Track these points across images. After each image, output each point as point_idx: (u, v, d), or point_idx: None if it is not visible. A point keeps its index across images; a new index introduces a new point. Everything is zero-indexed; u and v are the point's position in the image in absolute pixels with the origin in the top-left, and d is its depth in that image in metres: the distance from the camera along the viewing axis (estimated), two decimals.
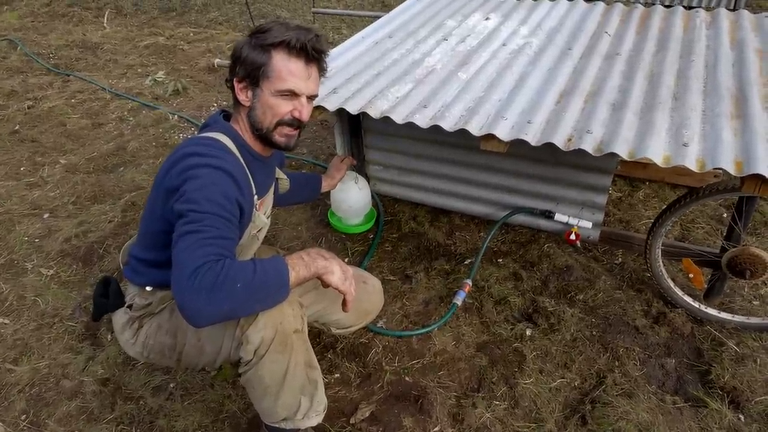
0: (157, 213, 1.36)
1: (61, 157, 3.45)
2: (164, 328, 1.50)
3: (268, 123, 1.41)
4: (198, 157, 1.29)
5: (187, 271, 1.14)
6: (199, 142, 1.34)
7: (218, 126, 1.43)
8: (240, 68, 1.38)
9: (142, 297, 1.50)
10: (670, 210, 1.98)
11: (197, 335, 1.45)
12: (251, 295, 1.20)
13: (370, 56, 2.32)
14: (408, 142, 2.46)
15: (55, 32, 5.83)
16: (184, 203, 1.23)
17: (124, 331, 1.55)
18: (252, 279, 1.19)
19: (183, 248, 1.18)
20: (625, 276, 2.35)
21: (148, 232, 1.44)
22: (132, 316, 1.52)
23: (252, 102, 1.40)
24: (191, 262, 1.15)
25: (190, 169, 1.27)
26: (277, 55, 1.35)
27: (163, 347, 1.51)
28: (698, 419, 1.78)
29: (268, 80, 1.37)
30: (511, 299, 2.23)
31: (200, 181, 1.25)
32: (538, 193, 2.32)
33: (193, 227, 1.20)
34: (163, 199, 1.32)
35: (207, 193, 1.24)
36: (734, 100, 1.79)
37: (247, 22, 5.97)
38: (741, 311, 2.14)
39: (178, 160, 1.30)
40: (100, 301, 1.54)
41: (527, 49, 2.28)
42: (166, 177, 1.32)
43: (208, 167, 1.27)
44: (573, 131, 1.71)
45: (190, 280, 1.13)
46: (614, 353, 2.00)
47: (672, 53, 2.14)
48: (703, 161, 1.51)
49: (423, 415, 1.81)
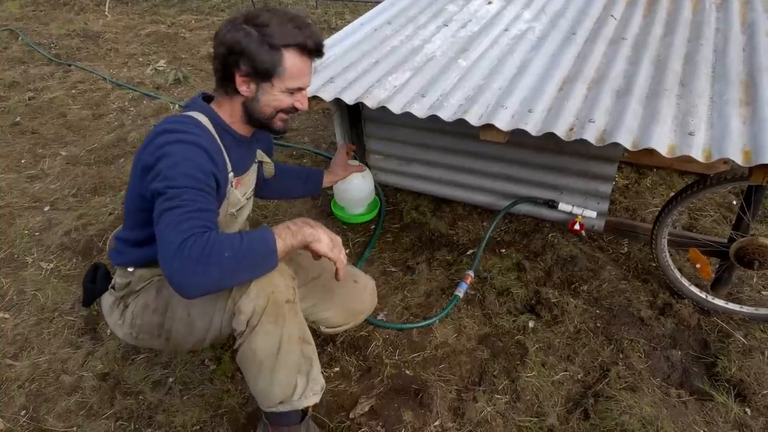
0: (135, 191, 1.38)
1: (61, 148, 3.43)
2: (151, 306, 1.51)
3: (269, 113, 1.44)
4: (170, 133, 1.30)
5: (174, 245, 1.17)
6: (173, 119, 1.36)
7: (196, 106, 1.44)
8: (244, 62, 1.35)
9: (123, 276, 1.53)
10: (676, 199, 1.93)
11: (187, 310, 1.45)
12: (239, 263, 1.22)
13: (369, 43, 2.27)
14: (409, 131, 2.41)
15: (56, 21, 5.79)
16: (161, 181, 1.24)
17: (111, 312, 1.57)
18: (239, 247, 1.22)
19: (166, 224, 1.20)
20: (631, 266, 2.31)
21: (129, 211, 1.47)
22: (116, 297, 1.55)
23: (255, 95, 1.40)
24: (177, 236, 1.18)
25: (163, 146, 1.28)
26: (288, 55, 1.36)
27: (151, 326, 1.52)
28: (704, 413, 1.75)
29: (280, 79, 1.38)
30: (513, 290, 2.20)
31: (174, 158, 1.26)
32: (542, 182, 2.28)
33: (173, 203, 1.22)
34: (139, 178, 1.33)
35: (182, 168, 1.26)
36: (744, 86, 1.73)
37: (249, 9, 5.91)
38: (749, 302, 2.09)
39: (153, 138, 1.32)
40: (89, 288, 1.57)
41: (530, 35, 2.22)
42: (142, 155, 1.33)
43: (181, 143, 1.29)
44: (575, 120, 1.66)
45: (178, 253, 1.16)
46: (618, 345, 1.97)
47: (680, 37, 2.07)
48: (710, 151, 1.46)
49: (423, 409, 1.79)
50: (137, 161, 1.36)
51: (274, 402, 1.46)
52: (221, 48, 1.36)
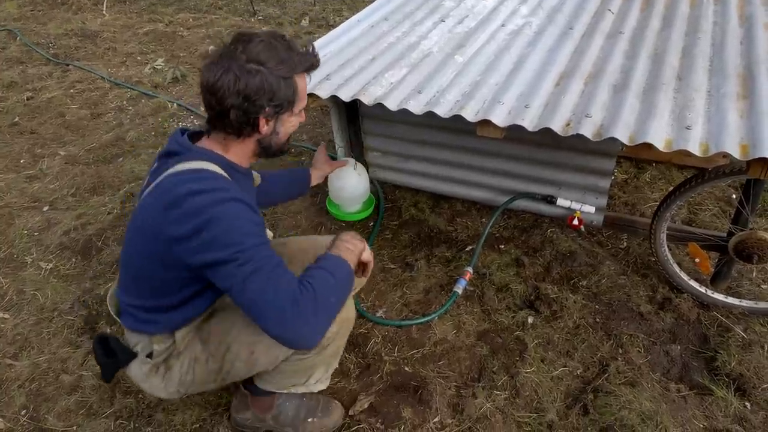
0: (160, 260, 1.28)
1: (60, 148, 3.43)
2: (202, 358, 1.44)
3: (285, 140, 1.42)
4: (203, 195, 1.20)
5: (284, 309, 1.16)
6: (193, 177, 1.24)
7: (195, 154, 1.31)
8: (268, 104, 1.27)
9: (161, 342, 1.42)
10: (675, 194, 1.92)
11: (250, 349, 1.42)
12: (339, 298, 1.29)
13: (365, 40, 2.26)
14: (406, 127, 2.40)
15: (55, 21, 5.78)
16: (222, 249, 1.18)
17: (149, 379, 1.46)
18: (336, 285, 1.27)
19: (260, 291, 1.17)
20: (630, 261, 2.30)
21: (140, 277, 1.36)
22: (155, 363, 1.44)
23: (274, 129, 1.35)
24: (281, 299, 1.17)
25: (200, 212, 1.19)
26: (298, 80, 1.33)
27: (208, 375, 1.46)
28: (703, 407, 1.75)
29: (297, 104, 1.35)
30: (512, 286, 2.19)
31: (224, 222, 1.19)
32: (540, 178, 2.27)
33: (250, 267, 1.18)
34: (166, 247, 1.24)
35: (239, 229, 1.20)
36: (741, 80, 1.72)
37: (246, 6, 5.89)
38: (749, 296, 2.09)
39: (177, 202, 1.20)
40: (108, 362, 1.43)
41: (527, 30, 2.21)
42: (165, 223, 1.22)
43: (221, 203, 1.20)
44: (572, 115, 1.65)
45: (293, 313, 1.16)
46: (618, 340, 1.97)
47: (677, 31, 2.06)
48: (707, 145, 1.45)
49: (422, 406, 1.79)
50: (154, 228, 1.25)
51: (286, 386, 1.56)
52: (235, 99, 1.23)
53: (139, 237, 1.32)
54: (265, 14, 5.69)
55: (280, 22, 5.45)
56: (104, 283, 2.34)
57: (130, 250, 1.37)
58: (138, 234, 1.32)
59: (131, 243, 1.36)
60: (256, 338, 1.40)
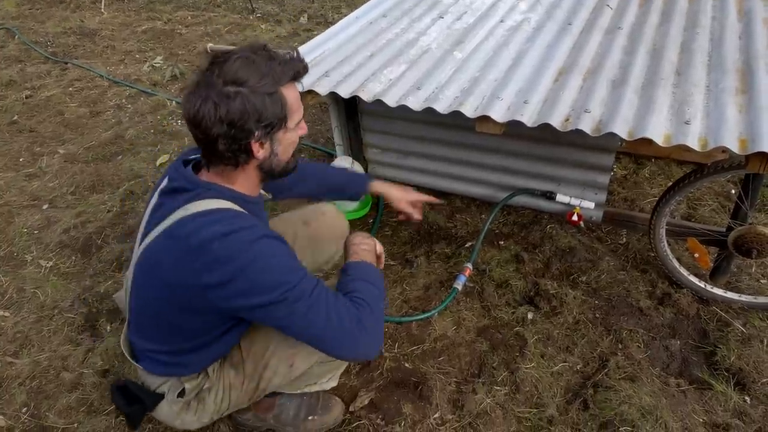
0: (188, 307, 1.23)
1: (59, 146, 3.43)
2: (237, 383, 1.43)
3: (288, 159, 1.31)
4: (231, 237, 1.15)
5: (352, 332, 1.21)
6: (214, 219, 1.17)
7: (206, 191, 1.23)
8: (256, 127, 1.16)
9: (192, 380, 1.40)
10: (674, 189, 1.92)
11: (289, 362, 1.44)
12: (383, 303, 1.34)
13: (364, 37, 2.26)
14: (405, 124, 2.40)
15: (53, 19, 5.77)
16: (268, 292, 1.15)
17: (181, 416, 1.43)
18: (380, 294, 1.34)
19: (323, 323, 1.19)
20: (629, 256, 2.31)
21: (174, 323, 1.30)
22: (187, 400, 1.42)
23: (271, 150, 1.24)
24: (346, 324, 1.21)
25: (234, 256, 1.13)
26: (287, 92, 1.21)
27: (243, 397, 1.46)
28: (703, 402, 1.75)
29: (291, 119, 1.24)
30: (512, 282, 2.19)
31: (263, 262, 1.15)
32: (539, 174, 2.27)
33: (307, 302, 1.18)
34: (196, 294, 1.18)
35: (281, 268, 1.18)
36: (740, 74, 1.72)
37: (245, 4, 5.88)
38: (748, 290, 2.09)
39: (205, 247, 1.14)
40: (133, 410, 1.38)
41: (525, 26, 2.21)
42: (195, 271, 1.16)
43: (253, 243, 1.16)
44: (571, 111, 1.65)
45: (361, 332, 1.22)
46: (617, 336, 1.97)
47: (676, 26, 2.06)
48: (706, 140, 1.46)
49: (423, 402, 1.80)
50: (183, 276, 1.18)
51: (300, 387, 1.61)
52: (220, 128, 1.14)
53: (157, 282, 1.24)
54: (263, 11, 5.68)
55: (278, 19, 5.44)
56: (104, 281, 2.35)
57: (145, 295, 1.31)
58: (154, 279, 1.25)
59: (145, 288, 1.30)
60: (295, 350, 1.41)
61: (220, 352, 1.41)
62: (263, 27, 5.23)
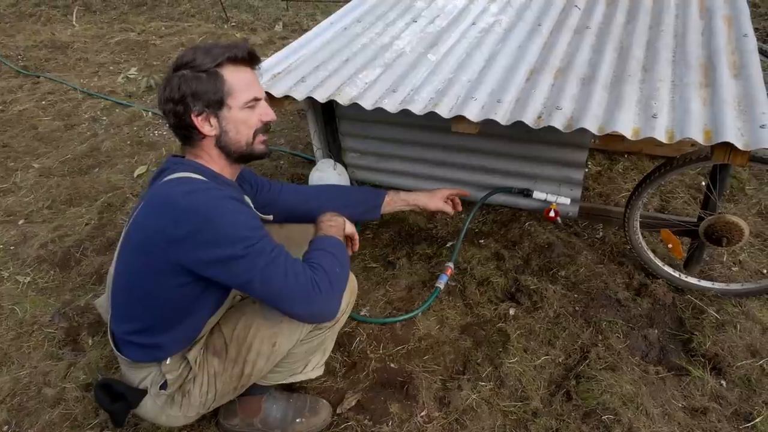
0: (160, 269, 1.27)
1: (34, 161, 3.38)
2: (220, 369, 1.45)
3: (245, 137, 1.40)
4: (198, 193, 1.24)
5: (306, 289, 1.27)
6: (184, 182, 1.28)
7: (180, 167, 1.35)
8: (194, 103, 1.32)
9: (174, 370, 1.41)
10: (646, 182, 1.97)
11: (271, 341, 1.46)
12: (344, 270, 1.41)
13: (339, 42, 2.28)
14: (383, 127, 2.43)
15: (23, 33, 5.69)
16: (231, 246, 1.22)
17: (164, 411, 1.45)
18: (336, 260, 1.39)
19: (280, 279, 1.25)
20: (606, 250, 2.36)
21: (148, 293, 1.33)
22: (170, 393, 1.44)
23: (220, 127, 1.36)
24: (302, 281, 1.27)
25: (199, 209, 1.22)
26: (227, 72, 1.34)
27: (228, 384, 1.48)
28: (681, 387, 1.80)
29: (232, 97, 1.35)
30: (493, 279, 2.23)
31: (228, 217, 1.23)
32: (516, 172, 2.30)
33: (265, 259, 1.24)
34: (164, 252, 1.24)
35: (243, 223, 1.26)
36: (703, 69, 1.78)
37: (219, 13, 5.87)
38: (720, 278, 2.15)
39: (172, 203, 1.24)
40: (117, 407, 1.39)
41: (497, 27, 2.26)
42: (162, 227, 1.23)
43: (219, 200, 1.25)
44: (543, 108, 1.69)
45: (315, 294, 1.28)
46: (597, 327, 2.01)
47: (641, 24, 2.12)
48: (673, 132, 1.50)
49: (409, 401, 1.81)
50: (153, 236, 1.25)
51: (285, 377, 1.63)
52: (168, 105, 1.33)
53: (134, 253, 1.32)
54: (238, 20, 5.68)
55: (253, 27, 5.44)
56: (84, 294, 2.32)
57: (121, 266, 1.37)
58: (132, 251, 1.33)
59: (124, 264, 1.36)
60: (276, 329, 1.44)
61: (192, 330, 1.41)
62: (238, 36, 5.23)
